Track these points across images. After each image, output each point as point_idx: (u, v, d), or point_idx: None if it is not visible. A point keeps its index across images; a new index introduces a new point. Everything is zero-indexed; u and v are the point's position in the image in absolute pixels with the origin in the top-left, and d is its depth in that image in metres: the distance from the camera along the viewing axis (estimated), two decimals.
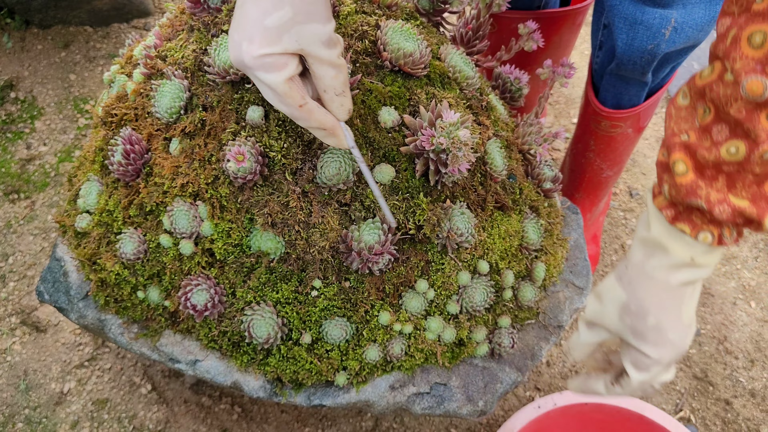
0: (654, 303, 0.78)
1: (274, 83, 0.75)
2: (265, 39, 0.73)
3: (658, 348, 0.80)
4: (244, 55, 0.74)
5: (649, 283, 0.78)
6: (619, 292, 0.81)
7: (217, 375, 1.03)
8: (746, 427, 1.49)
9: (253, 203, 0.96)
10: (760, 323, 1.64)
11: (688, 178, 0.68)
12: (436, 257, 1.03)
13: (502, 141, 1.12)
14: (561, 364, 1.57)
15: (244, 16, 0.73)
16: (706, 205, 0.68)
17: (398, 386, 1.05)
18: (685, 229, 0.72)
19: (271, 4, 0.72)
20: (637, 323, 0.80)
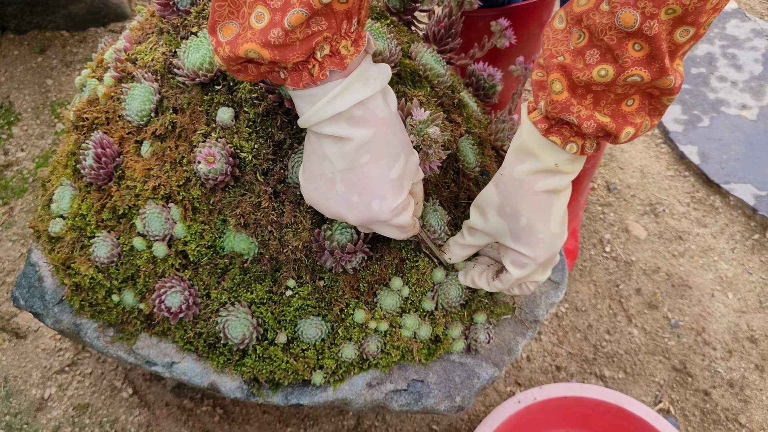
0: (524, 205, 0.86)
1: (405, 222, 0.84)
2: (395, 192, 0.81)
3: (532, 247, 0.88)
4: (379, 214, 0.81)
5: (520, 186, 0.85)
6: (495, 197, 0.88)
7: (194, 376, 1.04)
8: (725, 417, 1.50)
9: (225, 204, 0.97)
10: (737, 314, 1.66)
11: (563, 96, 0.75)
12: (410, 255, 1.03)
13: (475, 138, 1.13)
14: (541, 359, 1.58)
15: (363, 177, 0.79)
16: (577, 121, 0.75)
17: (375, 384, 1.06)
18: (556, 141, 0.79)
19: (390, 159, 0.80)
20: (511, 225, 0.88)
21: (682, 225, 1.82)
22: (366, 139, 0.77)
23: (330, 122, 0.76)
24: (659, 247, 1.77)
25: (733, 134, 1.95)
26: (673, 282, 1.70)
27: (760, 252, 1.77)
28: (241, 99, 0.95)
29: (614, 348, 1.60)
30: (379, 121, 0.78)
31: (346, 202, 0.81)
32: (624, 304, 1.66)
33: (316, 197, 0.84)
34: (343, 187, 0.80)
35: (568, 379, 1.55)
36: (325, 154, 0.79)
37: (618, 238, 1.78)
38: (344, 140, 0.77)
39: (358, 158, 0.78)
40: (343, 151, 0.78)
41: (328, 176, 0.80)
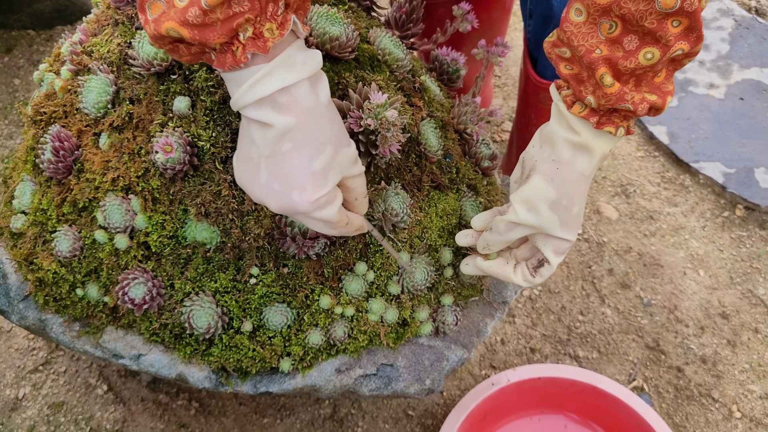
0: (581, 195, 0.90)
1: (329, 216, 0.82)
2: (316, 184, 0.79)
3: (574, 232, 0.93)
4: (297, 205, 0.79)
5: (580, 180, 0.88)
6: (551, 192, 0.89)
7: (162, 368, 1.03)
8: (698, 393, 1.51)
9: (185, 194, 0.96)
10: (708, 291, 1.67)
11: (615, 88, 0.78)
12: (373, 239, 1.03)
13: (437, 121, 1.13)
14: (515, 342, 1.59)
15: (284, 165, 0.78)
16: (632, 107, 0.79)
17: (344, 369, 1.06)
18: (611, 131, 0.83)
19: (313, 149, 0.78)
20: (564, 214, 0.90)
21: (652, 205, 1.83)
22: (288, 127, 0.76)
23: (254, 107, 0.75)
24: (631, 228, 1.79)
25: (701, 113, 1.96)
26: (644, 261, 1.71)
27: (730, 229, 1.78)
28: (197, 87, 0.95)
29: (588, 328, 1.61)
30: (304, 110, 0.76)
31: (267, 189, 0.80)
32: (597, 284, 1.67)
33: (244, 180, 0.82)
34: (266, 173, 0.79)
35: (542, 360, 1.56)
36: (252, 138, 0.78)
37: (590, 220, 1.79)
38: (268, 126, 0.76)
39: (281, 146, 0.77)
40: (267, 138, 0.77)
41: (255, 161, 0.79)
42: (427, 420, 1.47)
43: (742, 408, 1.50)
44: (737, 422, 1.48)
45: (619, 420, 1.38)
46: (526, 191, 0.91)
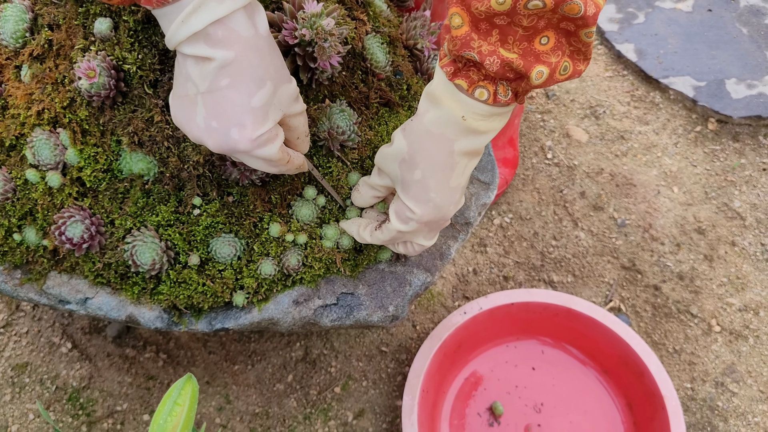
0: (424, 158, 0.81)
1: (270, 155, 0.79)
2: (257, 121, 0.75)
3: (419, 204, 0.84)
4: (237, 143, 0.75)
5: (424, 136, 0.79)
6: (401, 142, 0.83)
7: (110, 310, 0.99)
8: (676, 309, 1.49)
9: (116, 123, 0.91)
10: (683, 207, 1.63)
11: (462, 31, 0.68)
12: (322, 161, 0.98)
13: (384, 37, 1.07)
14: (488, 271, 1.55)
15: (222, 102, 0.73)
16: (478, 57, 0.69)
17: (303, 300, 1.02)
18: (462, 84, 0.73)
19: (253, 85, 0.74)
20: (406, 174, 0.83)
21: (623, 125, 1.79)
22: (226, 61, 0.71)
23: (189, 42, 0.71)
24: (601, 149, 1.74)
25: (669, 28, 1.91)
26: (617, 182, 1.67)
27: (703, 143, 1.74)
28: (118, 7, 0.89)
29: (561, 253, 1.57)
30: (242, 42, 0.72)
31: (206, 127, 0.75)
32: (569, 208, 1.63)
33: (180, 118, 0.78)
34: (204, 110, 0.75)
35: (516, 288, 1.52)
36: (188, 74, 0.74)
37: (559, 144, 1.74)
38: (205, 61, 0.71)
39: (218, 81, 0.73)
40: (204, 73, 0.72)
41: (191, 98, 0.75)
42: (401, 355, 1.44)
43: (722, 322, 1.47)
44: (717, 336, 1.45)
45: (596, 341, 1.36)
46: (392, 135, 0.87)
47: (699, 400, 1.38)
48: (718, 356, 1.43)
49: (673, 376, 1.41)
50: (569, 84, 1.86)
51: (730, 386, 1.39)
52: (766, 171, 1.69)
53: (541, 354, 1.42)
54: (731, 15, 1.92)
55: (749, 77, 1.79)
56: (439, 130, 0.78)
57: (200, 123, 0.76)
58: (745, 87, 1.76)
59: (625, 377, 1.34)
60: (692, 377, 1.41)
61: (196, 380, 0.75)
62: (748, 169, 1.70)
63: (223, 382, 1.40)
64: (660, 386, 1.25)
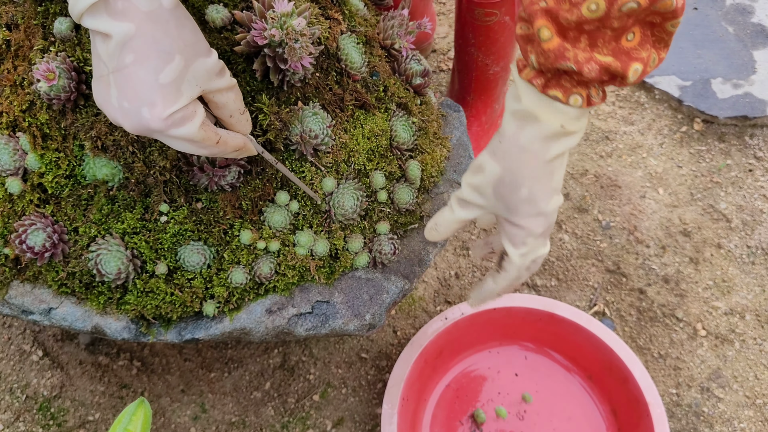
0: (527, 175, 0.78)
1: (190, 134, 0.73)
2: (167, 98, 0.70)
3: (530, 219, 0.81)
4: (149, 123, 0.70)
5: (523, 155, 0.77)
6: (493, 167, 0.80)
7: (75, 321, 0.95)
8: (661, 313, 1.46)
9: (78, 127, 0.87)
10: (669, 209, 1.61)
11: (554, 43, 0.67)
12: (295, 165, 0.95)
13: (360, 37, 1.04)
14: (470, 275, 1.52)
15: (130, 80, 0.69)
16: (575, 66, 0.67)
17: (276, 309, 0.98)
18: (557, 95, 0.71)
19: (159, 60, 0.69)
20: (510, 196, 0.80)
21: (608, 125, 1.76)
22: (127, 36, 0.67)
23: (90, 14, 0.66)
24: (586, 150, 1.71)
25: None
26: (601, 183, 1.65)
27: (689, 144, 1.72)
28: None
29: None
30: (143, 15, 0.67)
31: (120, 109, 0.71)
32: None
33: (99, 101, 0.73)
34: (116, 91, 0.70)
35: None
36: (98, 53, 0.69)
37: None
38: (108, 37, 0.67)
39: (123, 58, 0.68)
40: (109, 50, 0.68)
41: (105, 78, 0.70)
42: (381, 361, 1.40)
43: (707, 325, 1.45)
44: (702, 340, 1.43)
45: (580, 346, 1.33)
46: (471, 165, 0.83)
47: (684, 406, 1.36)
48: (704, 361, 1.41)
49: (658, 382, 1.38)
50: None
51: (716, 392, 1.37)
52: (752, 172, 1.66)
53: (524, 360, 1.39)
54: (717, 13, 1.90)
55: (735, 77, 1.76)
56: (538, 144, 0.76)
57: (115, 104, 0.71)
58: (731, 87, 1.74)
59: (609, 383, 1.31)
60: (677, 382, 1.38)
61: (148, 404, 0.71)
62: (734, 170, 1.67)
63: (199, 390, 1.36)
64: (644, 392, 1.23)
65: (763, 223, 1.58)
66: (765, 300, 1.48)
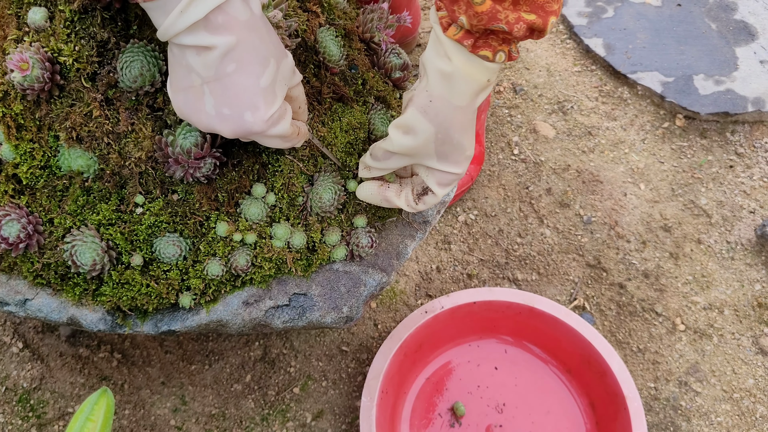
0: (457, 128, 0.85)
1: (284, 131, 0.80)
2: (267, 101, 0.75)
3: (459, 165, 0.89)
4: (253, 126, 0.76)
5: (455, 112, 0.83)
6: (427, 126, 0.85)
7: (51, 312, 0.95)
8: (641, 308, 1.47)
9: (53, 118, 0.87)
10: (650, 204, 1.62)
11: (486, 6, 0.71)
12: (272, 158, 0.95)
13: (339, 30, 1.04)
14: (452, 269, 1.52)
15: (231, 87, 0.73)
16: (507, 27, 0.72)
17: (253, 301, 0.98)
18: (487, 55, 0.76)
19: (259, 66, 0.74)
20: (441, 148, 0.86)
21: (591, 120, 1.76)
22: (229, 47, 0.71)
23: (188, 32, 0.69)
24: (569, 145, 1.72)
25: (638, 23, 1.89)
26: (583, 178, 1.65)
27: (671, 140, 1.73)
28: None
29: (526, 250, 1.55)
30: (241, 26, 0.71)
31: (217, 115, 0.75)
32: (535, 205, 1.61)
33: (187, 111, 0.77)
34: (212, 99, 0.74)
35: (480, 285, 1.50)
36: (190, 65, 0.73)
37: (526, 140, 1.72)
38: (207, 49, 0.71)
39: (224, 68, 0.72)
40: (208, 62, 0.71)
41: (197, 88, 0.74)
42: (362, 354, 1.41)
43: (686, 320, 1.46)
44: (681, 335, 1.44)
45: (559, 340, 1.34)
46: (400, 121, 0.87)
47: (662, 400, 1.37)
48: (682, 355, 1.42)
49: (636, 376, 1.39)
50: (537, 79, 1.84)
51: (694, 386, 1.38)
52: (732, 168, 1.67)
53: (503, 353, 1.39)
54: (700, 10, 1.91)
55: (717, 73, 1.77)
56: (468, 100, 0.81)
57: (210, 111, 0.75)
58: (713, 83, 1.75)
59: (588, 377, 1.32)
60: (656, 376, 1.39)
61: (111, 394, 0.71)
62: (714, 165, 1.68)
63: (179, 383, 1.37)
64: (622, 386, 1.24)
65: (742, 219, 1.59)
66: (743, 295, 1.49)
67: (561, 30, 1.96)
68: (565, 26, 1.95)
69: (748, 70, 1.77)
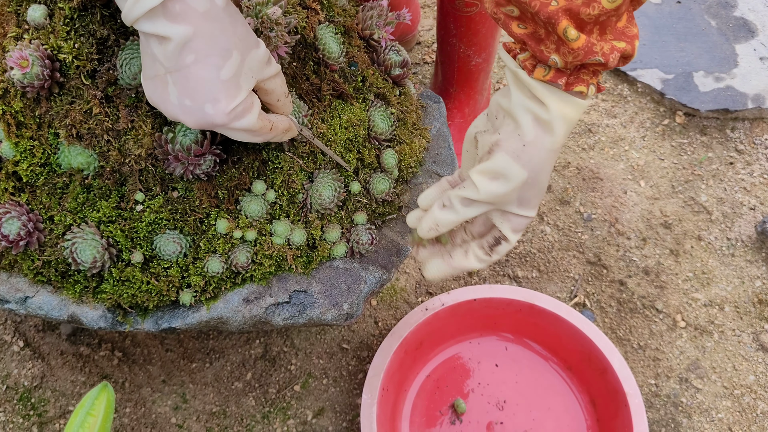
0: (546, 171, 0.80)
1: (250, 125, 0.78)
2: (229, 93, 0.74)
3: (536, 208, 0.84)
4: (213, 118, 0.74)
5: (549, 155, 0.78)
6: (520, 172, 0.78)
7: (51, 310, 0.95)
8: (641, 305, 1.47)
9: (53, 115, 0.87)
10: (650, 201, 1.62)
11: (582, 41, 0.69)
12: (271, 155, 0.95)
13: (338, 27, 1.04)
14: None
15: (191, 79, 0.72)
16: (603, 59, 0.70)
17: (253, 299, 0.98)
18: (582, 90, 0.74)
19: (219, 58, 0.72)
20: (526, 192, 0.81)
21: (590, 118, 1.76)
22: (186, 37, 0.69)
23: (147, 19, 0.68)
24: (568, 143, 1.72)
25: (638, 20, 1.88)
26: (583, 176, 1.65)
27: (671, 137, 1.73)
28: None
29: (527, 248, 1.55)
30: (200, 16, 0.70)
31: (180, 106, 0.74)
32: None
33: (155, 99, 0.76)
34: (175, 90, 0.73)
35: (480, 283, 1.50)
36: (153, 54, 0.72)
37: None
38: (166, 39, 0.69)
39: (183, 59, 0.71)
40: (168, 52, 0.70)
41: (161, 78, 0.73)
42: (362, 352, 1.41)
43: (687, 317, 1.46)
44: (682, 331, 1.44)
45: (559, 337, 1.34)
46: (490, 166, 0.80)
47: (663, 397, 1.37)
48: (683, 352, 1.42)
49: (637, 372, 1.39)
50: None
51: (695, 382, 1.38)
52: (732, 165, 1.67)
53: (504, 351, 1.39)
54: (700, 7, 1.91)
55: (717, 70, 1.77)
56: (562, 142, 0.78)
57: (174, 101, 0.74)
58: (712, 80, 1.75)
59: (589, 374, 1.32)
60: (656, 373, 1.39)
61: (111, 389, 0.71)
62: (714, 162, 1.68)
63: (180, 381, 1.37)
64: (623, 383, 1.23)
65: (743, 216, 1.59)
66: (744, 292, 1.49)
67: None
68: None
69: (748, 67, 1.77)
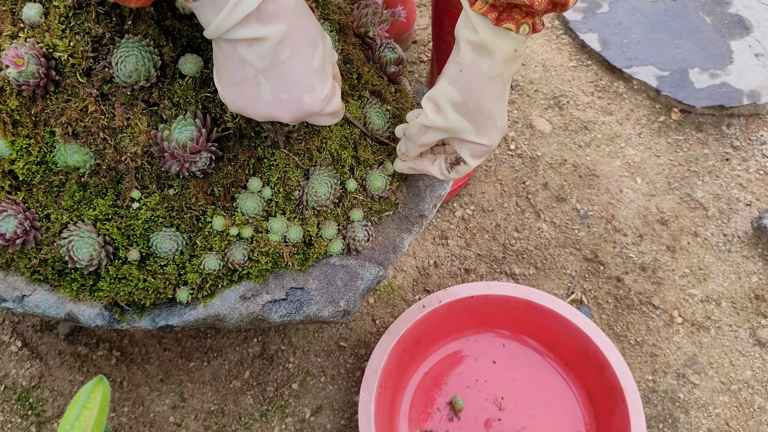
0: (486, 97, 0.86)
1: (337, 106, 0.83)
2: (321, 80, 0.79)
3: (491, 135, 0.91)
4: (311, 106, 0.79)
5: (484, 80, 0.85)
6: (455, 95, 0.87)
7: (48, 308, 0.95)
8: (638, 301, 1.47)
9: (49, 114, 0.87)
10: (646, 198, 1.62)
11: None
12: (267, 152, 0.95)
13: (334, 25, 1.04)
14: (449, 264, 1.53)
15: (288, 73, 0.76)
16: (528, 1, 0.75)
17: (250, 296, 0.99)
18: (510, 27, 0.79)
19: (310, 48, 0.77)
20: (474, 118, 0.88)
21: (587, 115, 1.77)
22: (282, 34, 0.74)
23: (241, 26, 0.71)
24: (565, 140, 1.72)
25: (633, 17, 1.89)
26: (580, 173, 1.66)
27: (667, 133, 1.73)
28: None
29: (524, 245, 1.55)
30: (290, 12, 0.74)
31: (275, 102, 0.78)
32: (531, 200, 1.61)
33: (242, 103, 0.79)
34: (269, 87, 0.77)
35: (477, 280, 1.50)
36: (242, 58, 0.75)
37: (522, 135, 1.72)
38: (260, 40, 0.73)
39: (279, 55, 0.75)
40: (261, 52, 0.74)
41: (251, 79, 0.77)
42: (360, 350, 1.41)
43: (684, 313, 1.46)
44: (678, 327, 1.44)
45: (557, 334, 1.34)
46: (431, 93, 0.90)
47: (660, 392, 1.37)
48: (680, 348, 1.42)
49: (634, 368, 1.39)
50: (533, 74, 1.84)
51: (692, 378, 1.38)
52: (728, 161, 1.68)
53: (501, 347, 1.40)
54: (695, 4, 1.91)
55: (712, 67, 1.78)
56: (497, 70, 0.84)
57: (268, 99, 0.78)
58: (708, 76, 1.75)
59: (586, 370, 1.32)
60: (654, 369, 1.39)
61: (107, 382, 0.72)
62: (710, 159, 1.69)
63: (178, 380, 1.37)
64: (620, 379, 1.24)
65: (739, 212, 1.60)
66: (740, 287, 1.49)
67: (556, 25, 1.96)
68: (560, 21, 1.95)
69: (743, 64, 1.78)
